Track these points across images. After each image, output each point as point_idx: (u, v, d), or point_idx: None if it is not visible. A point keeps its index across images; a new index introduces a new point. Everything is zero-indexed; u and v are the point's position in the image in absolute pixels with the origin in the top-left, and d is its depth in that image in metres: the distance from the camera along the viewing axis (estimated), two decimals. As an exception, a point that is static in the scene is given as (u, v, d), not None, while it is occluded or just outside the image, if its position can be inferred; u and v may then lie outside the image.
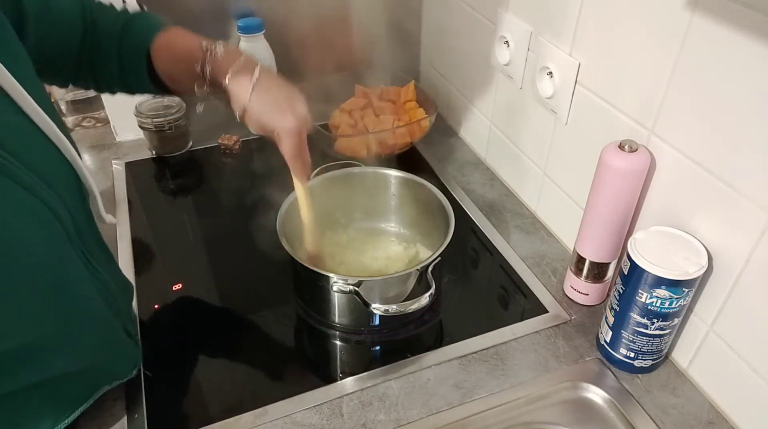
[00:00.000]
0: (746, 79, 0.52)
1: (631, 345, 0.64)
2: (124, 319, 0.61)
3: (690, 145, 0.60)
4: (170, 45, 0.65)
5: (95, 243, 0.57)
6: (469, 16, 0.97)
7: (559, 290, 0.78)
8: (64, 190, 0.50)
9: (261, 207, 0.94)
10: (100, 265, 0.56)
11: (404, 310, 0.65)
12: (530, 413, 0.65)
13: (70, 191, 0.51)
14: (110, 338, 0.58)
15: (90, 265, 0.53)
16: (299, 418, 0.62)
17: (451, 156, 1.06)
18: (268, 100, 0.60)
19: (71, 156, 0.51)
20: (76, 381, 0.56)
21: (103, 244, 0.60)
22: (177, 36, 0.65)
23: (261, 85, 0.60)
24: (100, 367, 0.58)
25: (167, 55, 0.64)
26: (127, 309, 0.65)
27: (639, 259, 0.59)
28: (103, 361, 0.58)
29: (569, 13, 0.72)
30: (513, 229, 0.89)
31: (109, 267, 0.59)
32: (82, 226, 0.53)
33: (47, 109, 0.48)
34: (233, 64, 0.60)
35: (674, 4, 0.57)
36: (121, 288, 0.62)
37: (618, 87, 0.68)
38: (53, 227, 0.47)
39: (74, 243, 0.50)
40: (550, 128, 0.82)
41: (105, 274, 0.56)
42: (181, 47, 0.64)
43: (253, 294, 0.78)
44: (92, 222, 0.57)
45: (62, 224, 0.48)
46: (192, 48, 0.62)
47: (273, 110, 0.60)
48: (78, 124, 1.11)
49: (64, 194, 0.49)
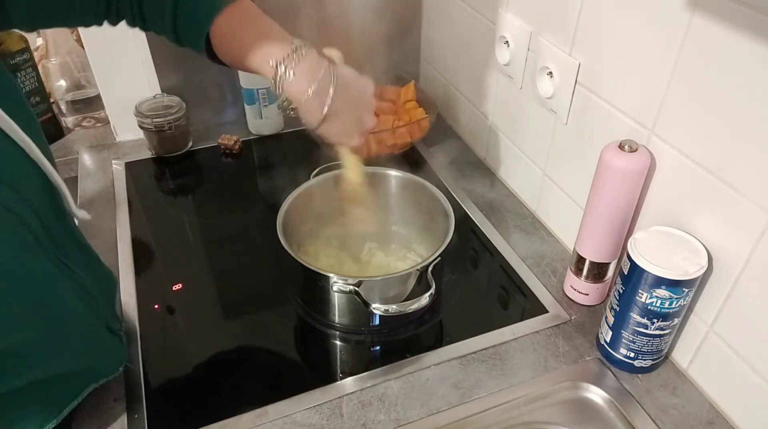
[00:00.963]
0: (746, 79, 0.52)
1: (631, 345, 0.64)
2: (105, 317, 0.60)
3: (690, 145, 0.60)
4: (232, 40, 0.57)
5: (70, 242, 0.56)
6: (469, 16, 0.97)
7: (559, 290, 0.78)
8: (29, 191, 0.48)
9: (261, 207, 0.94)
10: (76, 264, 0.54)
11: (404, 310, 0.65)
12: (530, 413, 0.65)
13: (37, 191, 0.49)
14: (92, 338, 0.57)
15: (63, 266, 0.52)
16: (299, 418, 0.62)
17: (451, 156, 1.06)
18: (337, 125, 0.60)
19: (34, 154, 0.48)
20: (61, 382, 0.56)
21: (80, 242, 0.59)
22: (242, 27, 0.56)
23: (332, 111, 0.57)
24: (84, 368, 0.58)
25: (229, 50, 0.57)
26: (109, 306, 0.63)
27: (639, 259, 0.59)
28: (87, 362, 0.58)
29: (569, 14, 0.72)
30: (513, 229, 0.89)
31: (86, 265, 0.58)
32: (52, 226, 0.51)
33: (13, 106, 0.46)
34: (305, 84, 0.55)
35: (674, 4, 0.57)
36: (100, 285, 0.60)
37: (618, 87, 0.68)
38: (19, 232, 0.46)
39: (44, 246, 0.49)
40: (550, 128, 0.82)
41: (81, 273, 0.55)
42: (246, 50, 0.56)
43: (253, 294, 0.79)
44: (65, 221, 0.55)
45: (29, 228, 0.46)
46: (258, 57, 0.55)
47: (341, 135, 0.61)
48: (78, 124, 1.11)
49: (30, 196, 0.47)
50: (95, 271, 0.61)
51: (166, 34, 0.59)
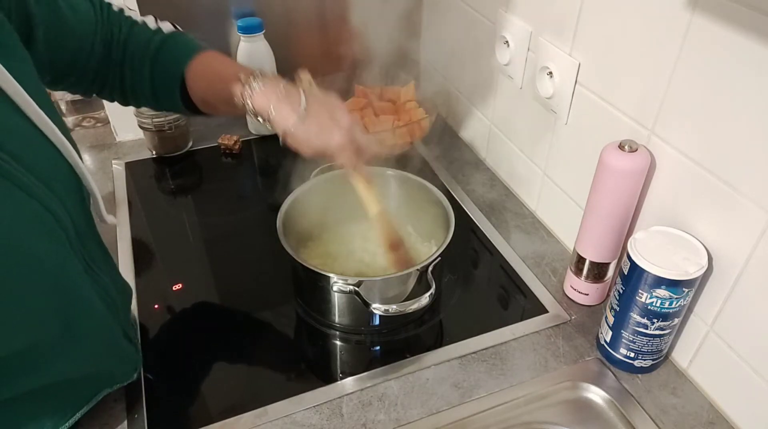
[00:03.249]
0: (746, 79, 0.52)
1: (631, 345, 0.64)
2: (123, 324, 0.61)
3: (690, 145, 0.60)
4: (205, 72, 0.64)
5: (95, 246, 0.57)
6: (469, 16, 0.97)
7: (559, 290, 0.78)
8: (64, 192, 0.49)
9: (261, 207, 0.94)
10: (100, 268, 0.55)
11: (404, 310, 0.65)
12: (530, 413, 0.65)
13: (71, 193, 0.51)
14: (111, 342, 0.58)
15: (90, 269, 0.53)
16: (299, 418, 0.62)
17: (451, 156, 1.06)
18: (312, 125, 0.60)
19: (72, 158, 0.51)
20: (77, 385, 0.56)
21: (103, 247, 0.60)
22: (212, 62, 0.65)
23: (302, 114, 0.59)
24: (101, 371, 0.58)
25: (201, 83, 0.64)
26: (126, 313, 0.64)
27: (639, 259, 0.59)
28: (105, 365, 0.58)
29: (569, 13, 0.72)
30: (513, 229, 0.89)
31: (108, 270, 0.59)
32: (82, 229, 0.52)
33: (48, 110, 0.48)
34: (272, 95, 0.59)
35: (674, 4, 0.57)
36: (120, 292, 0.61)
37: (618, 87, 0.68)
38: (54, 231, 0.47)
39: (74, 246, 0.50)
40: (550, 128, 0.82)
41: (105, 277, 0.56)
42: (216, 76, 0.63)
43: (253, 294, 0.78)
44: (92, 225, 0.57)
45: (62, 227, 0.48)
46: (228, 77, 0.61)
47: (319, 133, 0.60)
48: (78, 124, 1.11)
49: (64, 196, 0.49)
50: (115, 278, 0.62)
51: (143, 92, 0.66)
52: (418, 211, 0.81)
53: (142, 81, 0.65)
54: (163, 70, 0.64)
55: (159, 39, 0.64)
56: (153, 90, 0.65)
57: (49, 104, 0.50)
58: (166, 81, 0.65)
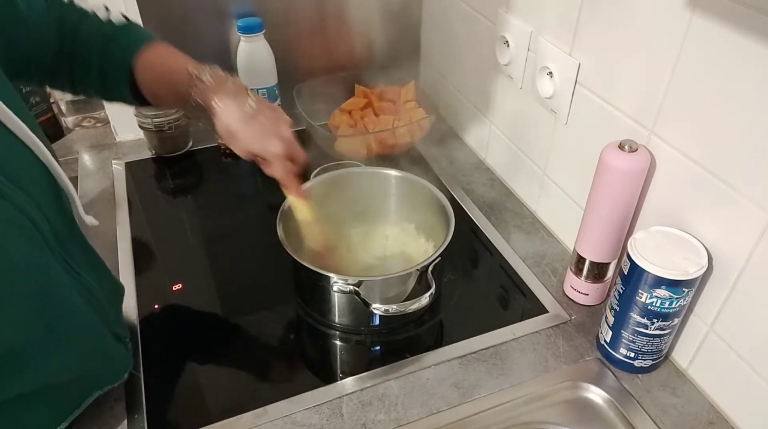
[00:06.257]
0: (746, 79, 0.52)
1: (631, 345, 0.64)
2: (112, 324, 0.60)
3: (690, 145, 0.60)
4: (154, 63, 0.64)
5: (77, 247, 0.56)
6: (469, 16, 0.97)
7: (559, 290, 0.78)
8: (40, 194, 0.48)
9: (261, 207, 0.94)
10: (83, 269, 0.54)
11: (404, 310, 0.65)
12: (530, 413, 0.65)
13: (47, 195, 0.50)
14: (98, 344, 0.57)
15: (71, 271, 0.52)
16: (299, 418, 0.62)
17: (451, 156, 1.06)
18: (255, 127, 0.60)
19: (45, 157, 0.49)
20: (66, 388, 0.55)
21: (87, 247, 0.59)
22: (162, 54, 0.65)
23: (247, 112, 0.60)
24: (89, 374, 0.58)
25: (151, 74, 0.64)
26: (115, 313, 0.63)
27: (639, 259, 0.59)
28: (93, 368, 0.58)
29: (569, 13, 0.72)
30: (513, 229, 0.89)
31: (94, 270, 0.58)
32: (60, 230, 0.51)
33: (19, 111, 0.47)
34: (220, 89, 0.60)
35: (674, 4, 0.57)
36: (108, 291, 0.61)
37: (618, 87, 0.68)
38: (29, 233, 0.46)
39: (53, 247, 0.49)
40: (550, 128, 0.82)
41: (89, 278, 0.55)
42: (166, 68, 0.63)
43: (253, 294, 0.78)
44: (73, 226, 0.56)
45: (39, 230, 0.47)
46: (178, 70, 0.62)
47: (260, 137, 0.60)
48: (78, 124, 1.11)
49: (40, 199, 0.48)
50: (102, 277, 0.61)
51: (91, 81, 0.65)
52: (418, 211, 0.81)
53: (91, 71, 0.64)
54: (112, 60, 0.64)
55: (109, 29, 0.64)
56: (102, 80, 0.65)
57: (18, 101, 0.49)
58: (115, 71, 0.64)
